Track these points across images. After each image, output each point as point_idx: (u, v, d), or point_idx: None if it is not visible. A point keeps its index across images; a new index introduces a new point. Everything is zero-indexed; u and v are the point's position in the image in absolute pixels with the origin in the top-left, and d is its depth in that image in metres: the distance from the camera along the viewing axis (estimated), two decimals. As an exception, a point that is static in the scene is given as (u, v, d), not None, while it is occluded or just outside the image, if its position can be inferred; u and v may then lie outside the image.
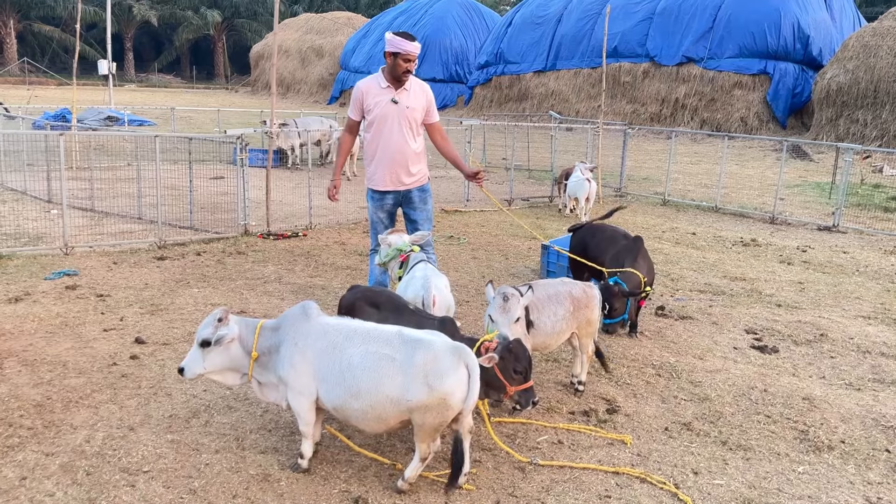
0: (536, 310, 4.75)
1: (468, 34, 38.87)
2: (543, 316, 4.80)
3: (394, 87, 5.98)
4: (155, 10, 60.45)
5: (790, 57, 25.11)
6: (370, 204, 6.37)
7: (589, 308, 5.01)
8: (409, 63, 5.86)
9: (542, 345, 4.93)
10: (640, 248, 6.50)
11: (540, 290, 4.88)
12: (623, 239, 6.73)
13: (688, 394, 5.22)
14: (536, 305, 4.75)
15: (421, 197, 6.32)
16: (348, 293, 4.69)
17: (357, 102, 6.08)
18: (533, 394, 3.98)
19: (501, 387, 3.94)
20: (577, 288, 5.04)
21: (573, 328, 4.98)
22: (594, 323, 5.09)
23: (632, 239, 6.66)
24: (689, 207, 13.37)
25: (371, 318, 4.39)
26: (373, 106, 6.02)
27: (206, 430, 4.30)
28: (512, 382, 3.92)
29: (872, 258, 9.72)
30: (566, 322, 4.88)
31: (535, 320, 4.74)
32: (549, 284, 5.03)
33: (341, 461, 4.07)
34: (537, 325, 4.76)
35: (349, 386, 3.61)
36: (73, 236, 8.78)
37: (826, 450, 4.47)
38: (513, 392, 3.95)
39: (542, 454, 4.29)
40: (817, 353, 6.19)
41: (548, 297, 4.85)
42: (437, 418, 3.60)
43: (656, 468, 4.18)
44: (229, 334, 3.83)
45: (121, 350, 5.40)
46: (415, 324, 4.29)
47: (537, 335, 4.78)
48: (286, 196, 12.22)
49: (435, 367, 3.56)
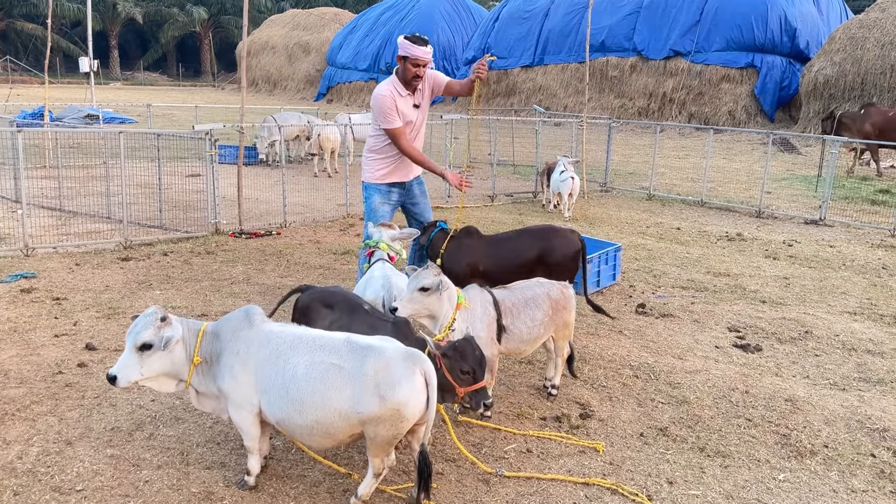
0: (511, 314, 4.50)
1: (455, 29, 38.54)
2: (519, 321, 4.54)
3: (411, 93, 5.83)
4: (140, 7, 59.80)
5: (777, 50, 24.91)
6: (375, 198, 6.08)
7: (567, 310, 4.78)
8: (418, 68, 5.65)
9: (517, 350, 4.69)
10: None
11: (516, 294, 4.64)
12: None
13: (665, 396, 4.98)
14: (511, 310, 4.50)
15: (420, 189, 6.30)
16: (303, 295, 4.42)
17: (394, 110, 5.79)
18: (485, 395, 3.69)
19: (451, 388, 3.67)
20: (554, 289, 4.78)
21: (550, 332, 4.74)
22: (571, 325, 4.86)
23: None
24: (675, 202, 13.14)
25: (325, 319, 4.14)
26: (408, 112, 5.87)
27: (150, 443, 4.03)
28: (460, 383, 3.63)
29: (859, 252, 9.51)
30: (544, 326, 4.63)
31: (508, 325, 4.49)
32: (525, 287, 4.76)
33: (292, 476, 3.81)
34: (511, 331, 4.51)
35: (293, 399, 3.33)
36: (38, 237, 8.49)
37: (808, 455, 4.24)
38: (462, 394, 3.67)
39: (510, 464, 4.05)
40: (801, 351, 5.97)
41: (525, 300, 4.59)
42: (391, 431, 3.34)
43: (629, 478, 3.94)
44: (175, 336, 3.48)
45: (69, 357, 5.12)
46: (368, 325, 4.05)
47: (511, 341, 4.54)
48: (263, 193, 11.93)
49: (387, 376, 3.29)
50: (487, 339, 4.33)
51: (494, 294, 4.52)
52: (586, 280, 5.84)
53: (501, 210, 11.92)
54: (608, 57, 28.49)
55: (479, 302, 4.40)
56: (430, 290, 4.16)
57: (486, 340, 4.32)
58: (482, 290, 4.49)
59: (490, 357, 4.37)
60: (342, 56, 41.53)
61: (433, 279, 4.17)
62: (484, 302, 4.42)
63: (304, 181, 13.79)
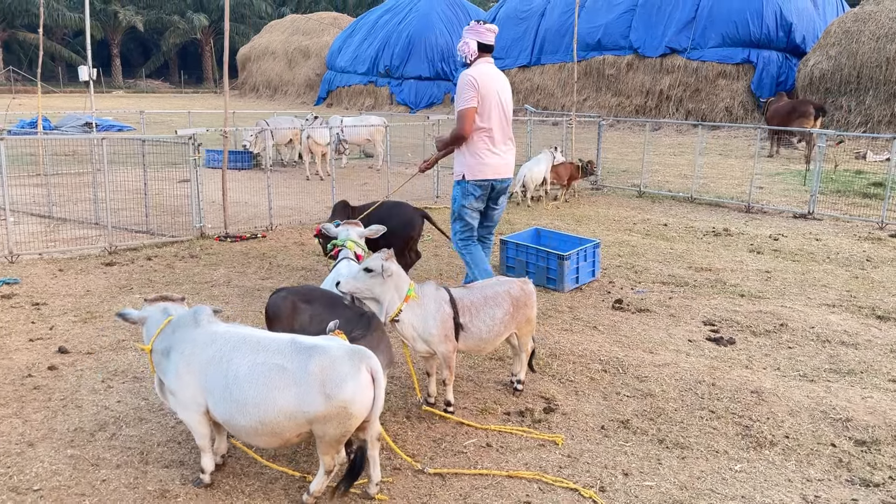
0: (469, 313, 4.50)
1: (453, 31, 38.55)
2: (477, 320, 4.54)
3: None
4: (141, 15, 60.09)
5: (773, 45, 24.82)
6: (473, 199, 6.27)
7: (528, 306, 4.78)
8: None
9: (476, 348, 4.71)
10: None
11: (476, 293, 4.65)
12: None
13: (631, 390, 5.00)
14: (469, 308, 4.50)
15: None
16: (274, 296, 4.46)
17: None
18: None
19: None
20: (515, 286, 4.78)
21: (512, 329, 4.75)
22: (533, 321, 4.87)
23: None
24: (665, 198, 13.13)
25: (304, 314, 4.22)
26: None
27: (111, 443, 4.07)
28: None
29: (845, 245, 9.50)
30: (504, 325, 4.63)
31: (466, 324, 4.50)
32: (486, 286, 4.76)
33: (250, 474, 3.85)
34: (469, 329, 4.51)
35: (236, 400, 3.36)
36: (25, 243, 8.57)
37: (768, 446, 4.25)
38: None
39: (468, 458, 4.08)
40: (775, 343, 5.98)
41: (484, 299, 4.59)
42: (339, 429, 3.37)
43: (584, 470, 3.96)
44: (133, 316, 3.68)
45: (40, 361, 5.17)
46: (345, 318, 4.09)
47: (469, 339, 4.54)
48: (252, 197, 11.99)
49: (332, 374, 3.32)
50: (441, 336, 4.35)
51: (451, 292, 4.53)
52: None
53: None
54: (604, 55, 28.45)
55: (434, 299, 4.41)
56: (374, 272, 4.24)
57: (440, 337, 4.35)
58: (438, 288, 4.50)
59: (446, 354, 4.41)
60: (341, 60, 41.63)
61: (377, 262, 4.25)
62: (439, 299, 4.42)
63: (296, 184, 13.86)
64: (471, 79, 5.97)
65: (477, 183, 6.19)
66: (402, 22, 39.60)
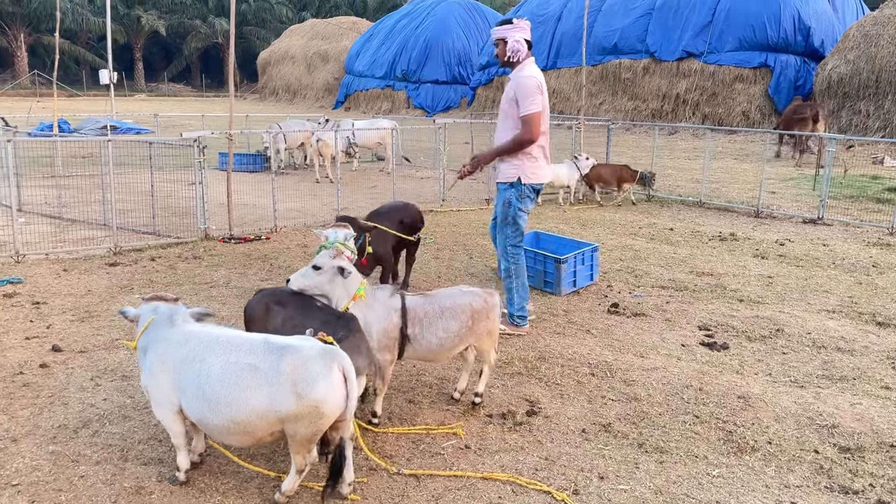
0: (421, 324, 4.37)
1: (471, 35, 38.68)
2: (428, 332, 4.41)
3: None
4: (163, 19, 60.82)
5: (791, 49, 24.62)
6: (529, 202, 6.19)
7: (490, 319, 4.62)
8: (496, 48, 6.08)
9: (425, 358, 4.65)
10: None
11: (434, 303, 4.50)
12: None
13: (617, 393, 4.98)
14: (422, 319, 4.39)
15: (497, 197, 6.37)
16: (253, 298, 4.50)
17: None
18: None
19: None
20: (477, 298, 4.59)
21: (470, 341, 4.60)
22: (495, 332, 4.72)
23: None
24: (674, 203, 13.06)
25: (278, 316, 4.24)
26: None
27: (93, 440, 4.13)
28: None
29: (852, 250, 9.39)
30: (460, 337, 4.49)
31: (415, 335, 4.39)
32: (447, 295, 4.60)
33: (226, 472, 3.88)
34: (418, 341, 4.40)
35: (208, 399, 3.40)
36: (34, 243, 8.71)
37: (749, 451, 4.22)
38: None
39: (444, 460, 4.08)
40: (770, 349, 5.93)
41: (441, 310, 4.45)
42: (310, 428, 3.40)
43: (560, 473, 3.95)
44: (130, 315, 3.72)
45: (33, 358, 5.25)
46: (321, 321, 4.12)
47: (417, 350, 4.45)
48: (261, 199, 12.07)
49: (304, 373, 3.35)
50: (379, 345, 4.28)
51: (406, 300, 4.42)
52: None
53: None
54: (621, 59, 28.41)
55: (384, 305, 4.34)
56: (322, 269, 4.26)
57: (378, 345, 4.28)
58: (392, 295, 4.41)
59: (382, 363, 4.34)
60: (359, 64, 41.88)
61: (324, 260, 4.29)
62: (388, 307, 4.34)
63: (305, 187, 13.94)
64: (537, 82, 5.91)
65: (532, 186, 6.12)
66: (419, 26, 39.76)
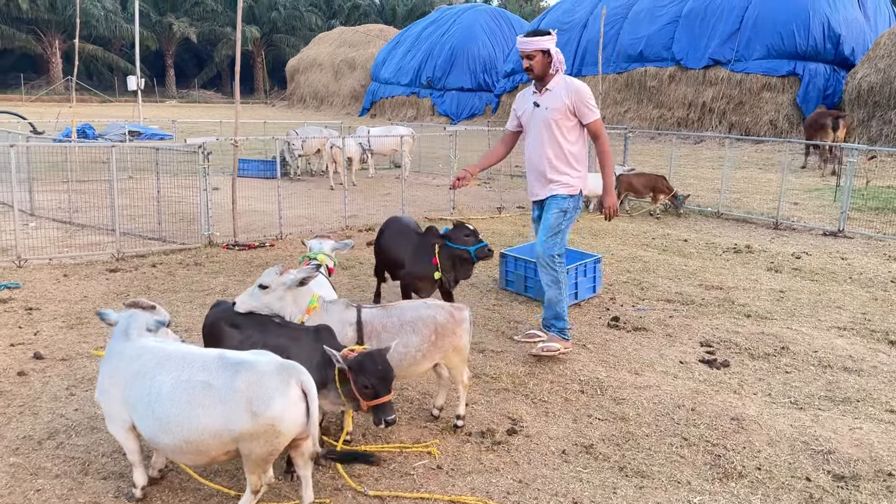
0: (377, 338, 4.16)
1: (496, 42, 38.58)
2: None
3: (539, 91, 5.71)
4: (194, 27, 61.62)
5: (820, 57, 24.09)
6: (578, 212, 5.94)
7: (456, 335, 4.38)
8: (526, 60, 5.58)
9: None
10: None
11: (393, 316, 4.30)
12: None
13: (605, 412, 4.79)
14: (380, 332, 4.19)
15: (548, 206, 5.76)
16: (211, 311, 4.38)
17: (512, 112, 5.97)
18: (387, 411, 3.61)
19: (357, 400, 3.63)
20: (442, 312, 4.38)
21: (436, 358, 4.38)
22: (463, 349, 4.47)
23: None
24: (692, 213, 12.77)
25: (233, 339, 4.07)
26: (521, 113, 5.88)
27: (56, 452, 4.05)
28: (363, 397, 3.60)
29: (871, 264, 9.05)
30: (422, 353, 4.25)
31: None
32: (409, 308, 4.41)
33: (186, 489, 3.77)
34: None
35: (159, 418, 3.27)
36: (39, 248, 8.74)
37: (736, 477, 4.00)
38: (366, 407, 3.63)
39: (414, 481, 3.93)
40: (772, 367, 5.68)
41: (401, 323, 4.25)
42: (267, 447, 3.27)
43: (533, 497, 3.77)
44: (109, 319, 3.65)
45: (12, 366, 5.20)
46: (286, 337, 3.99)
47: None
48: (271, 206, 12.03)
49: (259, 390, 3.22)
50: None
51: (362, 313, 4.25)
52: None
53: (507, 222, 11.77)
54: (647, 67, 28.04)
55: (338, 318, 4.18)
56: (269, 288, 4.09)
57: None
58: (347, 308, 4.25)
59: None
60: (385, 71, 41.99)
61: (271, 278, 4.11)
62: (343, 321, 4.17)
63: (319, 194, 13.91)
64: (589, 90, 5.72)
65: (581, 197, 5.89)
66: (445, 34, 39.76)
